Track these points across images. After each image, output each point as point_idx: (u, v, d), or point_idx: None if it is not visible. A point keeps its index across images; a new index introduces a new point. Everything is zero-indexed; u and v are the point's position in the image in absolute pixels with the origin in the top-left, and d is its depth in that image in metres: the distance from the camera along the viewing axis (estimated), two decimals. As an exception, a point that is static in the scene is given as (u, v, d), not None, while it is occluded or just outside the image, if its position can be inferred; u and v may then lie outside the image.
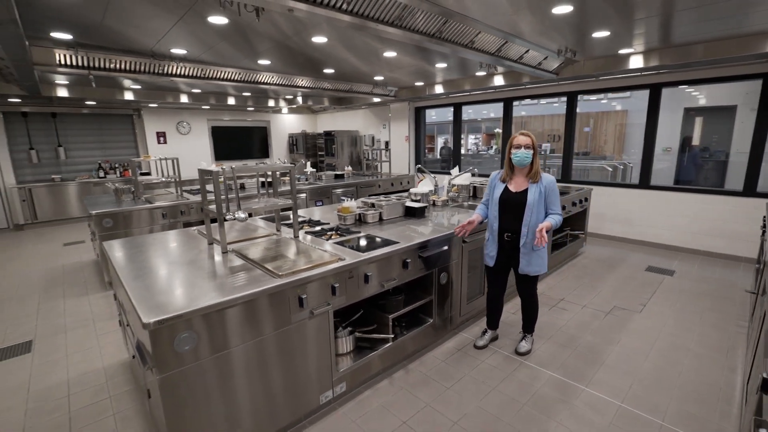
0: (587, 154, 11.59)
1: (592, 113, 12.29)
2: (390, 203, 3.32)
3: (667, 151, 9.31)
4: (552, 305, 3.71)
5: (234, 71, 5.62)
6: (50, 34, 3.64)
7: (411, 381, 2.56)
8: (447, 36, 3.51)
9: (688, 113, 9.04)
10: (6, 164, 7.44)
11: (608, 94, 12.30)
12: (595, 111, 12.22)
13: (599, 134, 12.00)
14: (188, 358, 1.62)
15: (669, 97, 9.55)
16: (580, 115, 13.70)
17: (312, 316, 2.03)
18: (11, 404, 2.40)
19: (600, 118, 12.04)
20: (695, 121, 9.23)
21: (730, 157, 6.65)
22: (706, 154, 7.57)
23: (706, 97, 9.05)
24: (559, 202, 2.61)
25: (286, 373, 1.99)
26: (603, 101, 11.94)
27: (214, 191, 2.31)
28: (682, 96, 9.57)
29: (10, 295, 4.14)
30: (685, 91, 9.36)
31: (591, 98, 12.22)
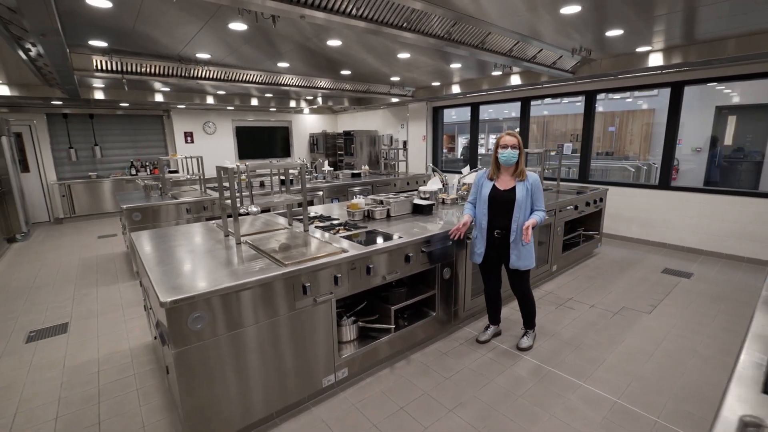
0: (610, 154, 11.31)
1: (617, 112, 11.97)
2: (398, 200, 3.43)
3: (697, 151, 8.98)
4: (560, 304, 3.72)
5: (257, 74, 5.87)
6: (88, 41, 3.96)
7: (411, 370, 2.67)
8: (457, 38, 3.59)
9: (720, 111, 8.69)
10: (48, 162, 8.01)
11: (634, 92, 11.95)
12: (620, 110, 11.90)
13: (624, 134, 11.67)
14: (200, 335, 1.79)
15: (699, 95, 9.21)
16: (604, 114, 13.35)
17: (315, 303, 2.18)
18: (50, 377, 2.67)
19: (626, 117, 11.70)
20: (728, 119, 8.87)
21: (766, 157, 6.38)
22: (740, 155, 7.29)
23: (740, 95, 8.68)
24: (543, 199, 2.67)
25: (291, 356, 2.14)
26: (628, 100, 11.61)
27: (229, 187, 2.49)
28: (713, 94, 9.20)
29: (49, 282, 4.51)
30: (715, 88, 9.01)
31: (615, 97, 11.90)
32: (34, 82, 5.79)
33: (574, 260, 4.82)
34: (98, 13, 3.12)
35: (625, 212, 5.99)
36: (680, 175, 8.29)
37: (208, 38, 3.96)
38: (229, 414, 1.96)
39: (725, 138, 8.94)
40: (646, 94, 11.61)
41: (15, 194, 6.50)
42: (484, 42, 3.83)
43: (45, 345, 3.11)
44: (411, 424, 2.16)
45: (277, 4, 2.54)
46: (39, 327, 3.41)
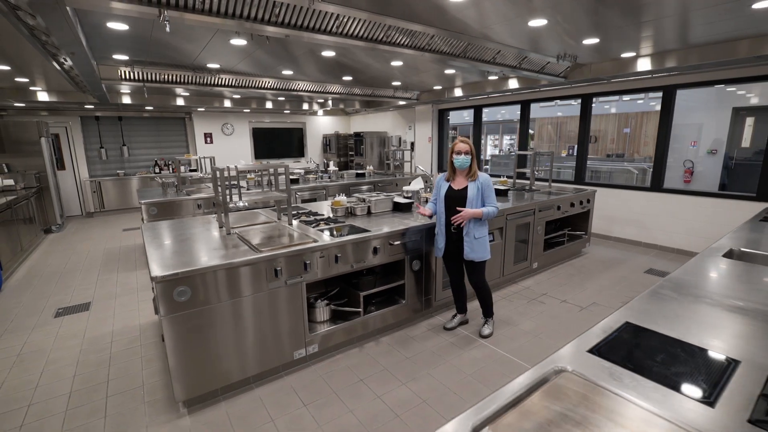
0: (621, 156, 11.21)
1: (631, 114, 11.84)
2: (378, 199, 3.75)
3: (712, 154, 8.86)
4: (532, 299, 3.95)
5: (269, 80, 6.31)
6: (112, 56, 4.47)
7: (378, 350, 2.99)
8: (438, 48, 3.88)
9: (738, 113, 8.54)
10: (82, 161, 8.77)
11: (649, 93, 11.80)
12: (634, 111, 11.77)
13: (639, 135, 11.54)
14: (185, 306, 2.18)
15: (714, 97, 9.07)
16: (618, 116, 13.17)
17: (286, 285, 2.53)
18: (71, 344, 3.15)
19: (640, 118, 11.58)
20: (745, 121, 8.71)
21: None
22: (760, 158, 7.20)
23: (759, 96, 8.55)
24: (494, 195, 2.93)
25: (264, 330, 2.50)
26: (639, 101, 11.49)
27: (222, 185, 2.88)
28: (729, 95, 9.06)
29: (78, 268, 5.08)
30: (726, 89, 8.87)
31: (625, 98, 11.79)
32: (70, 89, 6.44)
33: (558, 259, 5.00)
34: (118, 33, 3.60)
35: (618, 214, 6.08)
36: (695, 178, 8.23)
37: (215, 51, 4.40)
38: (211, 373, 2.34)
39: (742, 140, 8.77)
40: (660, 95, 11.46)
41: (51, 190, 7.21)
42: (467, 51, 4.10)
43: (70, 320, 3.61)
44: (366, 392, 2.49)
45: (276, 29, 2.92)
46: (66, 305, 3.93)
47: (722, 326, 1.45)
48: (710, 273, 2.04)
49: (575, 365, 1.22)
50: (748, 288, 1.81)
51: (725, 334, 1.39)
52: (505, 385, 1.13)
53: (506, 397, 1.07)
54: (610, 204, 6.13)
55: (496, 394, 1.09)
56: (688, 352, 1.28)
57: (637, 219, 5.90)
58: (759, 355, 1.25)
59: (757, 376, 1.14)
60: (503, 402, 1.05)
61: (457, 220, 2.85)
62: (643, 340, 1.37)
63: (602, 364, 1.22)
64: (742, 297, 1.70)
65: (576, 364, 1.23)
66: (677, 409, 1.01)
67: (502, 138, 16.77)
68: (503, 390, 1.11)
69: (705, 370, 1.18)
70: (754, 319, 1.49)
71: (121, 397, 2.48)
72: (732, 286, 1.84)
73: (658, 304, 1.68)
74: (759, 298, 1.68)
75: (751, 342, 1.33)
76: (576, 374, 1.18)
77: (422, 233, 3.25)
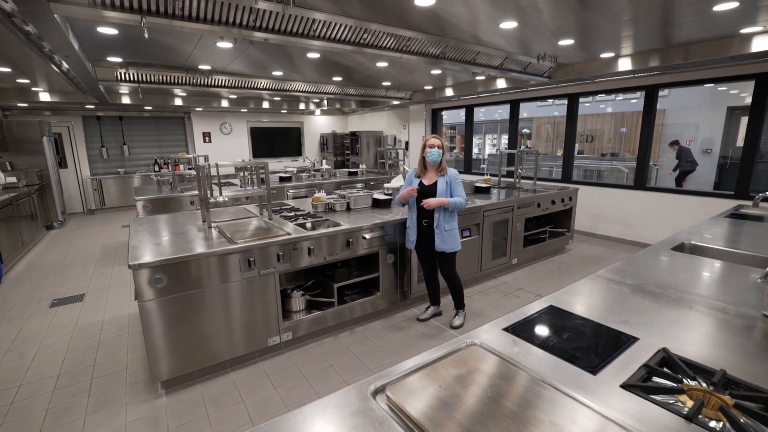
0: (615, 155, 11.26)
1: (627, 113, 11.88)
2: (358, 195, 3.89)
3: (707, 153, 8.90)
4: (508, 292, 4.07)
5: (264, 81, 6.48)
6: (107, 58, 4.66)
7: (351, 339, 3.13)
8: (415, 49, 4.01)
9: (733, 112, 8.58)
10: (83, 159, 9.00)
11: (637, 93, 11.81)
12: (630, 111, 11.81)
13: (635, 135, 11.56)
14: (160, 293, 2.34)
15: (708, 96, 9.10)
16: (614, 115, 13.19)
17: (259, 275, 2.68)
18: (64, 332, 3.33)
19: (635, 117, 11.61)
20: (740, 120, 8.75)
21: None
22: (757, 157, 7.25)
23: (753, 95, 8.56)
24: (462, 189, 3.05)
25: (239, 317, 2.66)
26: (633, 101, 11.51)
27: (202, 181, 3.04)
28: (724, 95, 9.09)
29: (76, 262, 5.28)
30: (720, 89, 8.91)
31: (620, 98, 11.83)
32: (70, 89, 6.65)
33: (539, 255, 5.11)
34: (109, 37, 3.77)
35: (604, 212, 6.18)
36: (690, 177, 8.28)
37: (205, 53, 4.56)
38: (187, 357, 2.50)
39: (737, 140, 8.81)
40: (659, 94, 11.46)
41: (53, 188, 7.44)
42: (446, 53, 4.23)
43: (64, 309, 3.79)
44: (334, 377, 2.63)
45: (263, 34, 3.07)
46: (61, 296, 4.12)
47: (640, 310, 1.57)
48: (652, 264, 2.16)
49: (487, 340, 1.36)
50: (686, 279, 1.89)
51: (639, 317, 1.51)
52: (417, 355, 1.27)
53: (413, 364, 1.21)
54: (595, 202, 6.22)
55: (406, 362, 1.23)
56: (594, 331, 1.41)
57: (622, 217, 5.99)
58: (659, 335, 1.37)
59: (649, 352, 1.27)
60: (409, 367, 1.19)
61: (427, 205, 2.97)
62: (558, 320, 1.50)
63: (512, 340, 1.36)
64: (675, 287, 1.79)
65: (488, 340, 1.36)
66: (560, 378, 1.14)
67: (500, 137, 16.85)
68: (414, 358, 1.25)
69: (603, 346, 1.31)
70: (674, 306, 1.60)
71: (105, 379, 2.65)
72: (669, 276, 1.95)
73: (589, 289, 1.81)
74: (690, 288, 1.77)
75: (658, 325, 1.45)
76: (484, 347, 1.31)
77: (396, 227, 3.39)
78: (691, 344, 1.30)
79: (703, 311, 1.54)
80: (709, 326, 1.43)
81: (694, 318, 1.49)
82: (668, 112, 11.48)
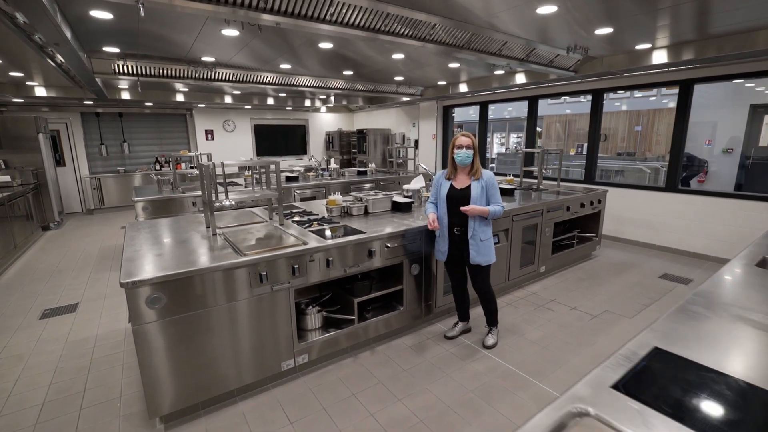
0: (632, 155, 10.89)
1: (643, 111, 11.50)
2: (376, 198, 3.55)
3: (728, 153, 8.52)
4: (540, 305, 3.72)
5: (269, 75, 6.13)
6: (103, 48, 4.31)
7: (373, 361, 2.79)
8: (438, 38, 3.66)
9: (756, 110, 8.21)
10: (82, 157, 8.68)
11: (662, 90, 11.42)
12: (646, 108, 11.42)
13: (651, 134, 11.20)
14: (158, 315, 2.00)
15: (731, 94, 8.71)
16: (629, 113, 12.80)
17: (272, 291, 2.34)
18: (52, 349, 2.99)
19: (652, 116, 11.24)
20: (763, 119, 8.39)
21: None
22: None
23: (779, 92, 8.20)
24: (499, 194, 2.72)
25: (248, 340, 2.32)
26: (652, 98, 11.14)
27: (207, 183, 2.70)
28: (746, 92, 8.70)
29: (70, 267, 4.95)
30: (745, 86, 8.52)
31: (637, 95, 11.43)
32: (67, 84, 6.32)
33: (567, 262, 4.76)
34: (104, 23, 3.42)
35: (629, 214, 5.82)
36: (709, 178, 7.91)
37: (208, 42, 4.22)
38: (190, 387, 2.16)
39: (759, 139, 8.43)
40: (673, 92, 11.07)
41: (50, 187, 7.11)
42: (471, 42, 3.88)
43: (55, 322, 3.46)
44: (358, 409, 2.29)
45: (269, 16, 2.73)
46: (53, 306, 3.79)
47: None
48: (745, 286, 1.81)
49: (598, 406, 1.01)
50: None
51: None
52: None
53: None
54: (620, 204, 5.86)
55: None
56: (737, 390, 1.06)
57: (649, 220, 5.63)
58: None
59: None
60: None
61: (470, 212, 2.62)
62: (677, 371, 1.15)
63: (631, 406, 1.00)
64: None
65: (599, 405, 1.01)
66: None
67: (509, 136, 16.46)
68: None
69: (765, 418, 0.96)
70: (805, 345, 1.26)
71: (95, 410, 2.32)
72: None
73: (690, 324, 1.46)
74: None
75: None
76: (600, 419, 0.96)
77: (422, 235, 3.04)
78: None
79: None
80: None
81: None
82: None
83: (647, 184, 7.84)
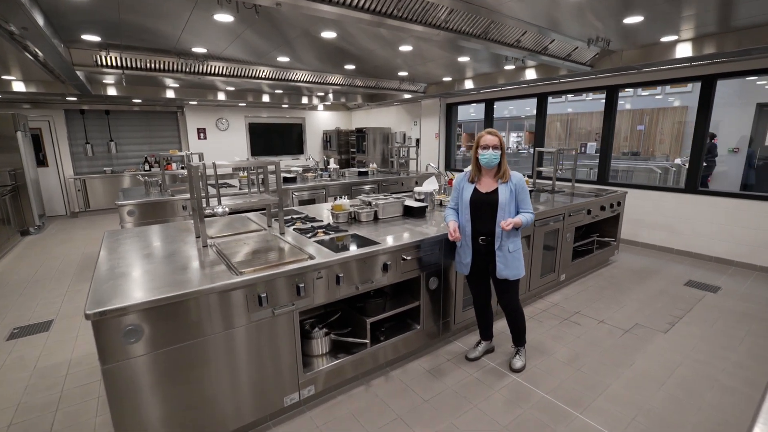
0: (636, 155, 10.67)
1: (646, 110, 11.28)
2: (387, 202, 3.20)
3: (734, 152, 8.30)
4: (564, 318, 3.40)
5: (264, 69, 5.75)
6: (81, 36, 3.91)
7: (388, 389, 2.44)
8: (458, 27, 3.32)
9: (762, 109, 8.01)
10: (66, 157, 8.22)
11: (666, 88, 11.20)
12: (650, 107, 11.21)
13: (654, 133, 10.99)
14: (135, 350, 1.63)
15: (738, 91, 8.48)
16: (632, 112, 12.59)
17: (273, 315, 1.99)
18: (17, 377, 2.61)
19: (656, 114, 11.02)
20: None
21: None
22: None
23: (788, 91, 8.01)
24: (529, 200, 2.42)
25: (246, 373, 1.96)
26: (658, 96, 10.93)
27: (195, 186, 2.34)
28: (753, 89, 8.49)
29: (48, 277, 4.54)
30: (756, 83, 8.30)
31: (643, 93, 11.22)
32: (47, 78, 5.89)
33: (586, 269, 4.45)
34: (79, 5, 3.04)
35: (647, 217, 5.53)
36: (714, 178, 7.67)
37: (198, 32, 3.84)
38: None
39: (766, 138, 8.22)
40: (678, 91, 10.88)
41: (29, 188, 6.66)
42: (488, 31, 3.55)
43: (24, 343, 3.07)
44: (376, 454, 1.95)
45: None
46: (24, 324, 3.39)
47: None
48: None
49: None
50: None
51: None
52: None
53: None
54: (636, 206, 5.58)
55: None
56: None
57: (668, 223, 5.35)
58: None
59: None
60: None
61: (508, 225, 2.29)
62: None
63: None
64: None
65: None
66: None
67: (509, 135, 16.21)
68: None
69: None
70: None
71: (62, 458, 1.95)
72: None
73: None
74: None
75: None
76: None
77: (440, 245, 2.70)
78: None
79: None
80: None
81: None
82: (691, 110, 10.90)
83: (657, 184, 7.60)
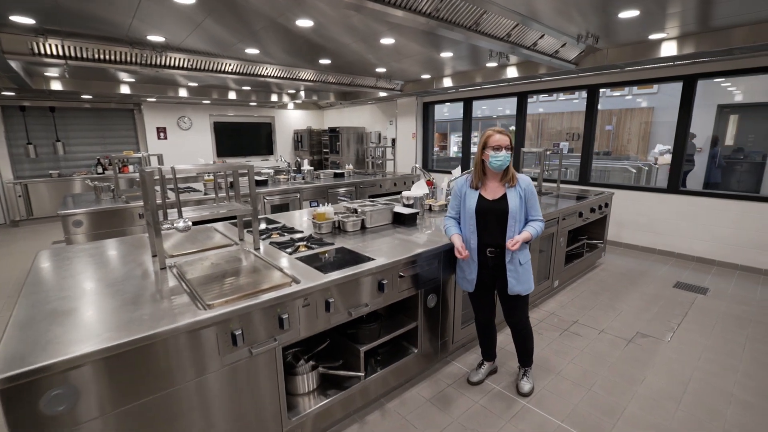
0: (608, 154, 10.90)
1: (614, 110, 11.56)
2: (375, 209, 2.88)
3: (698, 152, 8.57)
4: (564, 329, 3.21)
5: (230, 62, 5.27)
6: (9, 17, 3.33)
7: (386, 427, 2.12)
8: (446, 16, 3.05)
9: (722, 110, 8.30)
10: (4, 159, 7.32)
11: (633, 89, 11.51)
12: (618, 108, 11.50)
13: (622, 133, 11.29)
14: (64, 421, 1.23)
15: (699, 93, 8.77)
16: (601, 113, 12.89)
17: (251, 355, 1.62)
18: None
19: (623, 115, 11.32)
20: (729, 119, 8.50)
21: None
22: (740, 155, 6.93)
23: (743, 93, 8.33)
24: (539, 206, 2.19)
25: (220, 429, 1.58)
26: (627, 97, 11.21)
27: (150, 195, 1.92)
28: (716, 91, 8.78)
29: (-24, 299, 3.89)
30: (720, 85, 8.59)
31: (614, 94, 11.48)
32: (-27, 69, 5.13)
33: (576, 273, 4.32)
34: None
35: (629, 218, 5.51)
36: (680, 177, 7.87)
37: (152, 18, 3.36)
38: None
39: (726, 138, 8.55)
40: (645, 92, 11.20)
41: (-43, 195, 5.83)
42: (479, 23, 3.30)
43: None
44: None
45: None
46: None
47: None
48: None
49: None
50: None
51: None
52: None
53: None
54: (619, 206, 5.54)
55: None
56: None
57: (649, 223, 5.34)
58: None
59: None
60: None
61: (516, 247, 2.05)
62: None
63: None
64: None
65: None
66: None
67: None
68: None
69: None
70: None
71: None
72: None
73: None
74: None
75: None
76: None
77: (439, 257, 2.41)
78: None
79: None
80: None
81: None
82: (657, 110, 11.27)
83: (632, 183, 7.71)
